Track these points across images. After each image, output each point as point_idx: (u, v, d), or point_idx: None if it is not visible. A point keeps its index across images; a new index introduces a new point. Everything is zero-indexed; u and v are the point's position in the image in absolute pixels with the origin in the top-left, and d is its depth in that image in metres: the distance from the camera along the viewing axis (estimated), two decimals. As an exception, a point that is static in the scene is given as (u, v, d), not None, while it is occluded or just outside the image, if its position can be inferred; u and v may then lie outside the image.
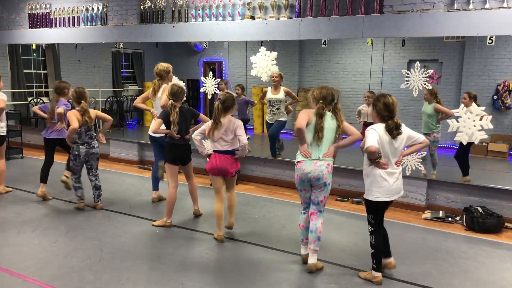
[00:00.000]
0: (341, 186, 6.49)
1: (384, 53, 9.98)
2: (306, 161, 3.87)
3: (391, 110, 3.58)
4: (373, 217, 3.78)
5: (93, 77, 12.01)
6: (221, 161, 4.52)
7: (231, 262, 4.11)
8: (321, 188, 3.91)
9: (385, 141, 3.60)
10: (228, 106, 4.50)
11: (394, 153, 3.68)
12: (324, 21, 6.18)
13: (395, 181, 3.69)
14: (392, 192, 3.69)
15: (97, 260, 4.05)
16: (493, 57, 9.60)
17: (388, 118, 3.59)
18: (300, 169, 3.90)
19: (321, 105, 3.83)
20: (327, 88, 3.91)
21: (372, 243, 3.78)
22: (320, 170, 3.84)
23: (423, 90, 6.06)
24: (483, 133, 5.27)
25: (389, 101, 3.59)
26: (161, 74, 5.67)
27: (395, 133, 3.58)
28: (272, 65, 6.84)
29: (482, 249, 4.65)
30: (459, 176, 6.26)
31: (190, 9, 7.40)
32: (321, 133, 3.82)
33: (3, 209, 5.44)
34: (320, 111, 3.82)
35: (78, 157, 5.36)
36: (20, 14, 9.59)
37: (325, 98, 3.85)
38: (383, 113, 3.60)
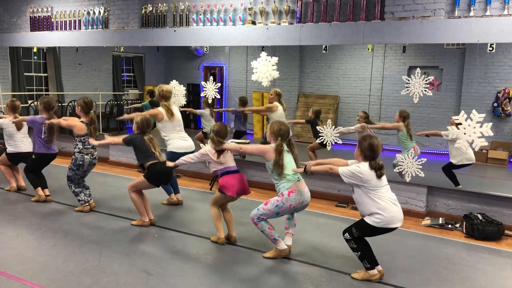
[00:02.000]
0: (341, 192, 6.48)
1: (384, 59, 10.01)
2: (298, 191, 4.13)
3: (374, 150, 3.69)
4: (359, 234, 3.82)
5: (94, 81, 12.03)
6: (241, 180, 4.57)
7: (230, 267, 4.10)
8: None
9: (372, 177, 3.68)
10: (223, 136, 4.53)
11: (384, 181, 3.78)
12: (325, 27, 6.19)
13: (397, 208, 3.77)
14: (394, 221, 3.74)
15: (96, 263, 4.04)
16: (494, 64, 9.62)
17: (371, 158, 3.70)
18: (295, 199, 4.13)
19: (280, 141, 4.15)
20: (284, 124, 4.24)
21: (353, 247, 3.87)
22: (308, 196, 4.24)
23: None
24: (483, 140, 5.27)
25: (374, 142, 3.70)
26: (167, 96, 5.80)
27: (378, 173, 3.68)
28: (273, 70, 6.84)
29: (482, 256, 4.64)
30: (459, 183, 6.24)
31: (191, 14, 7.42)
32: (281, 169, 4.10)
33: (2, 212, 5.43)
34: (280, 148, 4.13)
35: (81, 166, 5.38)
36: (22, 17, 9.61)
37: (283, 135, 4.17)
38: (367, 152, 3.71)
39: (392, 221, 3.71)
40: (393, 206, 3.72)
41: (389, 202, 3.71)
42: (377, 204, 3.68)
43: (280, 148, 4.12)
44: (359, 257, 3.85)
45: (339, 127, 6.49)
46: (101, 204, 5.77)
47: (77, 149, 5.36)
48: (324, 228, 5.34)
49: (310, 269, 4.10)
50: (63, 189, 6.29)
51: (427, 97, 5.73)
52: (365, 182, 3.68)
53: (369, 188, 3.69)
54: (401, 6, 5.68)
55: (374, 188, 3.69)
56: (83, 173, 5.50)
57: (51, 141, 5.78)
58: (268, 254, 4.33)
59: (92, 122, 5.37)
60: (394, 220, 3.71)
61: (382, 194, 3.70)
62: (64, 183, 6.44)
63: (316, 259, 4.32)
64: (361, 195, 3.75)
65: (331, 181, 6.57)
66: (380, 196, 3.69)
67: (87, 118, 5.36)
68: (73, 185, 5.50)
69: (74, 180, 5.48)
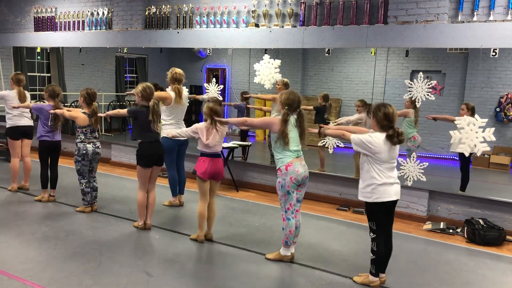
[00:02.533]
0: (342, 195, 6.48)
1: (387, 63, 9.99)
2: (295, 164, 4.07)
3: (390, 119, 3.62)
4: (374, 223, 3.75)
5: (97, 81, 12.04)
6: (214, 164, 4.56)
7: (231, 269, 4.09)
8: (305, 184, 4.26)
9: (384, 150, 3.62)
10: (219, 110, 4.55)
11: (394, 157, 3.73)
12: (328, 30, 6.20)
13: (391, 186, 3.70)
14: (391, 193, 3.70)
15: (97, 264, 4.04)
16: (496, 69, 9.60)
17: (388, 128, 3.62)
18: (293, 171, 4.07)
19: (286, 111, 4.06)
20: (294, 94, 4.13)
21: (373, 249, 3.78)
22: (306, 168, 4.19)
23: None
24: (486, 145, 5.26)
25: (389, 111, 3.61)
26: (180, 78, 5.69)
27: (396, 140, 3.60)
28: (276, 73, 6.85)
29: (483, 261, 4.62)
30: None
31: (194, 16, 7.44)
32: (287, 138, 4.04)
33: (4, 212, 5.44)
34: (285, 118, 4.05)
35: (86, 155, 5.36)
36: (26, 17, 9.65)
37: (291, 105, 4.07)
38: (383, 122, 3.63)
39: (383, 194, 3.65)
40: (390, 184, 3.67)
41: (387, 180, 3.66)
42: (377, 177, 3.65)
43: (286, 117, 4.04)
44: (372, 259, 3.82)
45: (340, 118, 6.49)
46: (103, 205, 5.77)
47: (79, 139, 5.37)
48: (325, 231, 5.34)
49: (311, 272, 4.09)
50: (65, 189, 6.30)
51: (429, 101, 5.72)
52: (373, 153, 3.62)
53: (375, 161, 3.64)
54: (404, 10, 5.68)
55: (380, 163, 3.64)
56: (90, 164, 5.47)
57: (56, 128, 5.79)
58: (270, 256, 4.33)
59: (94, 114, 5.35)
60: (389, 193, 3.67)
61: (384, 170, 3.65)
62: (66, 183, 6.46)
63: (317, 262, 4.31)
64: (366, 163, 3.71)
65: (333, 185, 6.56)
66: (382, 171, 3.65)
67: (89, 109, 5.36)
68: (84, 182, 5.45)
69: (83, 173, 5.43)
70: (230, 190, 7.00)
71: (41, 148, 5.79)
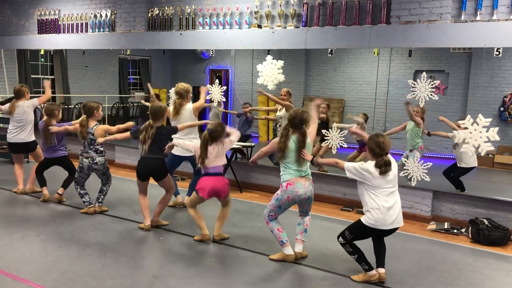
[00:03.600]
0: (346, 196, 6.47)
1: (390, 63, 9.99)
2: (297, 184, 4.11)
3: (381, 147, 3.73)
4: (351, 237, 3.86)
5: (100, 83, 12.09)
6: (215, 183, 4.56)
7: (235, 270, 4.09)
8: (309, 204, 4.30)
9: (376, 176, 3.73)
10: (217, 136, 4.52)
11: (391, 183, 3.78)
12: (330, 30, 6.20)
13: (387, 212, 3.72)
14: (387, 222, 3.74)
15: (101, 266, 4.05)
16: (500, 68, 9.58)
17: (380, 156, 3.73)
18: (292, 191, 4.11)
19: (286, 126, 4.16)
20: (297, 111, 4.15)
21: (349, 251, 3.91)
22: (309, 190, 4.18)
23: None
24: (490, 145, 5.24)
25: (380, 140, 3.74)
26: (181, 92, 5.63)
27: (383, 170, 3.70)
28: (278, 74, 6.85)
29: (488, 262, 4.61)
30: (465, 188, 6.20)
31: (197, 17, 7.45)
32: (282, 153, 4.09)
33: (8, 214, 5.46)
34: (283, 132, 4.14)
35: (82, 169, 5.44)
36: (29, 19, 9.69)
37: (292, 121, 4.11)
38: (375, 150, 3.76)
39: (383, 223, 3.72)
40: (387, 209, 3.70)
41: (384, 204, 3.71)
42: (372, 202, 3.73)
43: (284, 132, 4.12)
44: (357, 260, 3.89)
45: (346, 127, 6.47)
46: (107, 206, 5.78)
47: (80, 151, 5.48)
48: (329, 232, 5.33)
49: (314, 273, 4.09)
50: (68, 191, 6.31)
51: (433, 101, 5.71)
52: (366, 180, 3.75)
53: (369, 186, 3.76)
54: (407, 10, 5.68)
55: (374, 188, 3.74)
56: (88, 176, 5.54)
57: (46, 146, 5.82)
58: (274, 256, 4.33)
59: (82, 126, 5.36)
60: (385, 222, 3.72)
61: (379, 195, 3.73)
62: (71, 186, 6.47)
63: (321, 263, 4.30)
64: (362, 190, 3.84)
65: (336, 185, 6.55)
66: (377, 196, 3.73)
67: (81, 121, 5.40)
68: (79, 187, 5.55)
69: (79, 182, 5.53)
70: (233, 191, 7.00)
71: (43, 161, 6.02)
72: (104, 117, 11.05)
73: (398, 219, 3.78)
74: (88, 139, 5.38)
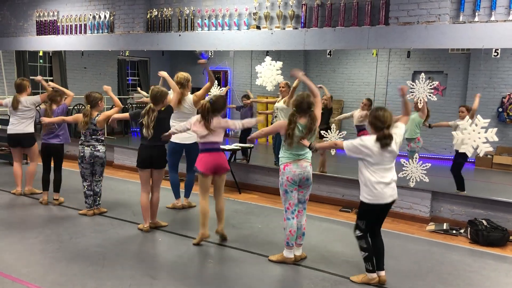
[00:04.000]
0: (345, 197, 6.47)
1: (389, 64, 10.00)
2: (293, 164, 4.12)
3: (382, 121, 3.70)
4: (364, 223, 3.86)
5: (99, 84, 12.01)
6: (216, 159, 4.54)
7: (234, 272, 4.09)
8: (308, 186, 4.26)
9: (375, 152, 3.72)
10: (218, 108, 4.52)
11: (389, 159, 3.78)
12: (329, 31, 6.21)
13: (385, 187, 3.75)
14: (386, 196, 3.76)
15: (100, 267, 4.05)
16: (498, 69, 9.59)
17: (381, 129, 3.70)
18: (290, 171, 4.12)
19: (294, 112, 4.10)
20: (303, 95, 4.10)
21: (363, 247, 3.87)
22: (307, 170, 4.17)
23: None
24: (488, 146, 5.25)
25: (380, 113, 3.72)
26: (181, 82, 5.73)
27: (383, 143, 3.68)
28: (277, 75, 6.85)
29: (487, 262, 4.61)
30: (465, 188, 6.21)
31: (196, 18, 7.45)
32: (290, 139, 4.05)
33: (7, 215, 5.46)
34: (291, 118, 4.08)
35: (84, 158, 5.38)
36: (28, 21, 9.68)
37: (299, 106, 4.06)
38: (377, 123, 3.73)
39: (381, 197, 3.74)
40: (384, 184, 3.73)
41: (381, 180, 3.73)
42: (370, 178, 3.74)
43: (291, 118, 4.08)
44: (365, 257, 3.86)
45: (343, 133, 6.49)
46: (106, 207, 5.78)
47: (80, 141, 5.43)
48: (328, 233, 5.33)
49: (314, 274, 4.09)
50: (67, 192, 6.31)
51: (431, 102, 5.72)
52: (365, 156, 3.75)
53: (369, 163, 3.76)
54: (405, 11, 5.68)
55: (373, 164, 3.75)
56: (91, 167, 5.43)
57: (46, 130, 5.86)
58: (273, 258, 4.33)
59: (86, 116, 5.38)
60: (383, 196, 3.74)
61: (378, 171, 3.74)
62: (68, 187, 6.47)
63: (320, 264, 4.31)
64: (361, 167, 3.84)
65: (335, 186, 6.56)
66: (375, 172, 3.74)
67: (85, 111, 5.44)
68: (86, 185, 5.48)
69: (84, 176, 5.45)
70: (233, 192, 7.00)
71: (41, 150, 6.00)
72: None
73: (394, 193, 3.82)
74: (90, 129, 5.37)
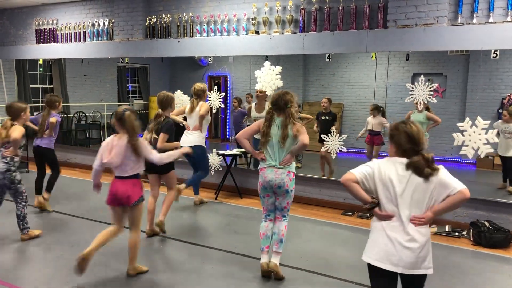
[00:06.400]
0: (347, 200, 6.46)
1: (388, 67, 10.01)
2: (267, 169, 3.95)
3: (415, 141, 2.57)
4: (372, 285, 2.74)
5: (99, 92, 12.09)
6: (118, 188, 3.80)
7: (236, 277, 4.08)
8: (284, 195, 3.97)
9: (391, 182, 2.58)
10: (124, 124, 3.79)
11: (413, 203, 2.56)
12: (328, 35, 6.22)
13: (403, 247, 2.55)
14: (394, 260, 2.55)
15: (102, 275, 4.03)
16: (498, 70, 9.59)
17: (413, 153, 2.57)
18: (262, 176, 4.00)
19: (269, 109, 3.93)
20: (280, 93, 3.93)
21: None
22: (281, 178, 3.91)
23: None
24: (489, 147, 5.25)
25: (413, 130, 2.58)
26: (199, 93, 6.12)
27: (427, 173, 2.52)
28: (277, 79, 6.85)
29: (490, 264, 4.60)
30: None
31: (195, 24, 7.47)
32: (264, 138, 3.90)
33: (8, 223, 5.44)
34: (267, 116, 3.94)
35: None
36: (28, 29, 9.71)
37: (275, 104, 3.90)
38: (405, 146, 2.59)
39: (379, 255, 2.59)
40: (393, 241, 2.56)
41: (389, 232, 2.58)
42: (376, 225, 2.66)
43: (267, 116, 3.91)
44: None
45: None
46: (106, 215, 5.76)
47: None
48: (329, 237, 5.32)
49: (316, 279, 4.08)
50: (68, 199, 6.30)
51: (431, 104, 5.73)
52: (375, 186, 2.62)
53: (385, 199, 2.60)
54: (404, 14, 5.70)
55: (388, 204, 2.59)
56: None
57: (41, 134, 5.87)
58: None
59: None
60: (384, 255, 2.58)
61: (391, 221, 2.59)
62: (69, 194, 6.46)
63: (322, 268, 4.29)
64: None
65: (337, 190, 6.54)
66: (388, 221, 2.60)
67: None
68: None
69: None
70: (234, 197, 6.99)
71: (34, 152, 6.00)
72: (103, 125, 11.07)
73: (412, 259, 2.57)
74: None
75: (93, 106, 11.56)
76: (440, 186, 2.54)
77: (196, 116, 6.07)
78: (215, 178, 7.34)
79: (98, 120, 11.42)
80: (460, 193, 2.50)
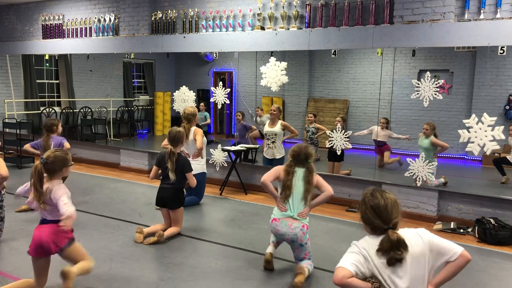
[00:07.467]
0: (352, 197, 6.45)
1: (394, 63, 9.96)
2: (282, 221, 3.90)
3: (382, 217, 2.29)
4: None
5: (105, 87, 12.13)
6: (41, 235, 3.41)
7: (241, 272, 4.10)
8: (299, 248, 3.95)
9: (381, 265, 2.27)
10: (53, 169, 3.45)
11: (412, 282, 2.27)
12: (334, 31, 6.20)
13: None
14: None
15: (107, 269, 4.06)
16: (505, 67, 9.53)
17: (381, 230, 2.30)
18: (274, 227, 3.97)
19: (290, 162, 3.92)
20: (301, 146, 3.96)
21: None
22: (294, 233, 3.87)
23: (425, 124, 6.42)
24: (495, 144, 5.22)
25: (379, 202, 2.31)
26: (188, 118, 6.04)
27: (392, 257, 2.22)
28: (282, 75, 6.85)
29: (495, 261, 4.58)
30: (470, 187, 6.17)
31: (200, 20, 7.47)
32: (288, 190, 3.89)
33: (14, 219, 5.49)
34: (288, 169, 3.91)
35: None
36: (34, 25, 9.75)
37: (296, 157, 3.91)
38: (374, 222, 2.33)
39: None
40: None
41: None
42: None
43: (289, 168, 3.91)
44: None
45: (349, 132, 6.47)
46: (112, 209, 5.80)
47: None
48: (334, 233, 5.32)
49: (321, 274, 4.08)
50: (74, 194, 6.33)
51: (437, 100, 5.69)
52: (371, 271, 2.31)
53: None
54: (410, 10, 5.67)
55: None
56: None
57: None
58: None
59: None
60: None
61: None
62: (75, 189, 6.51)
63: (327, 264, 4.30)
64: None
65: (342, 186, 6.54)
66: None
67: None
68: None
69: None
70: (239, 193, 7.01)
71: None
72: (109, 121, 11.12)
73: None
74: None
75: (99, 102, 11.60)
76: (431, 253, 2.32)
77: (192, 144, 6.00)
78: (220, 174, 7.35)
79: (104, 115, 11.47)
80: (462, 257, 2.29)
